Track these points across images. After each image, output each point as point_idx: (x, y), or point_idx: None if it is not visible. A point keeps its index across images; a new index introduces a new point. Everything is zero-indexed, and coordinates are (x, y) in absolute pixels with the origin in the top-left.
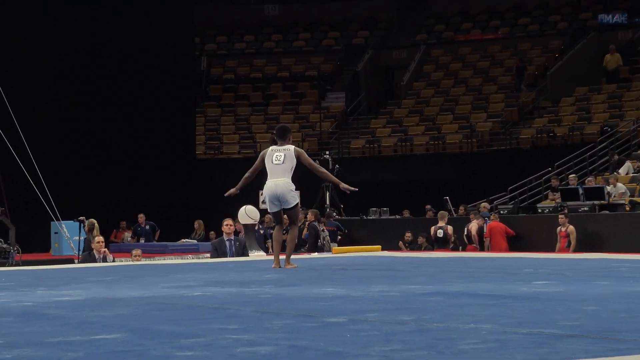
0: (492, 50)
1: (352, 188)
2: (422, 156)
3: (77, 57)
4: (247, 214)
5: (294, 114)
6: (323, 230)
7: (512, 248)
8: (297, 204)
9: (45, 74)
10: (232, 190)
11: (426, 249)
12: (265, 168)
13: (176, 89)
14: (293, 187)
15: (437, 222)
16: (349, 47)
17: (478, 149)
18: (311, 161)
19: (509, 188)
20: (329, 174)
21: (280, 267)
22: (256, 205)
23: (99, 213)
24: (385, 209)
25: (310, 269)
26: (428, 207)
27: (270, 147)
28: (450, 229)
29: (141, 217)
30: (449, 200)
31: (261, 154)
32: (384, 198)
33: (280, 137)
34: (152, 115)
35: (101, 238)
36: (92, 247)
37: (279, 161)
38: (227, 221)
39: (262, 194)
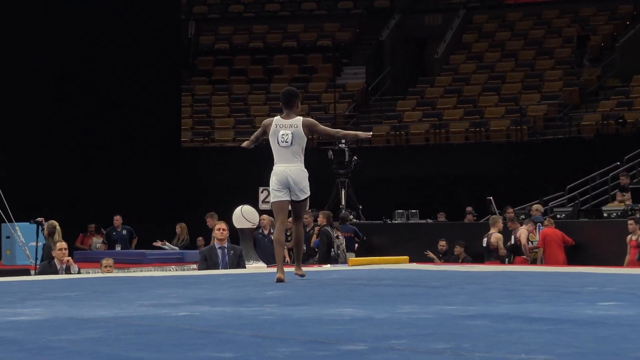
0: (547, 16)
1: (368, 134)
2: (461, 146)
3: (34, 30)
4: (244, 216)
5: (303, 92)
6: (337, 237)
7: (570, 261)
8: (308, 197)
9: None
10: (247, 142)
11: (465, 261)
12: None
13: (157, 62)
14: (307, 174)
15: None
16: (371, 11)
17: (529, 138)
18: (326, 130)
19: (568, 187)
20: (344, 130)
21: (284, 281)
22: (255, 205)
23: (62, 213)
24: (414, 211)
25: (322, 284)
26: (469, 209)
27: (274, 120)
28: (495, 237)
29: (117, 219)
30: (492, 201)
31: (264, 123)
32: (413, 198)
33: (286, 104)
34: (128, 95)
35: (64, 244)
36: (53, 255)
37: (287, 143)
38: (220, 225)
39: (262, 191)
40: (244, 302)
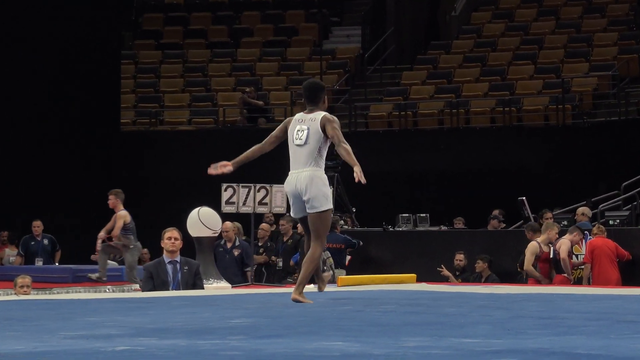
0: None
1: (362, 177)
2: (485, 131)
3: None
4: (203, 221)
5: (279, 61)
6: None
7: (626, 280)
8: (329, 210)
9: None
10: (224, 164)
11: (489, 281)
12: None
13: (89, 20)
14: (324, 180)
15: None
16: None
17: (574, 121)
18: (336, 132)
19: (624, 184)
20: (350, 150)
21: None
22: (217, 207)
23: None
24: (423, 215)
25: (304, 310)
26: (496, 212)
27: (297, 115)
28: (529, 247)
29: (37, 226)
30: (525, 202)
31: (284, 122)
32: (423, 198)
33: (310, 100)
34: (51, 65)
35: None
36: None
37: (301, 140)
38: (171, 232)
39: (225, 189)
40: (201, 333)
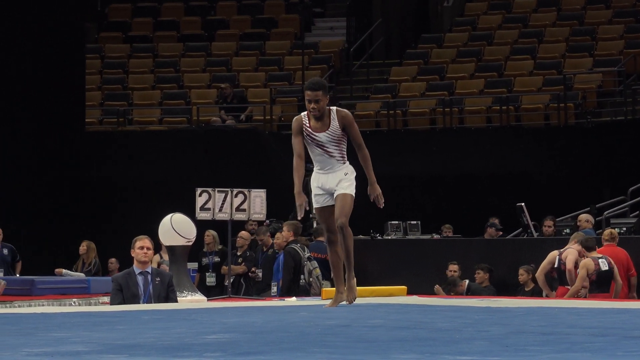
0: None
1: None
2: (480, 132)
3: None
4: (175, 228)
5: (258, 55)
6: (309, 259)
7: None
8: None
9: None
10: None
11: (489, 293)
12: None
13: (50, 11)
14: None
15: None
16: None
17: (577, 121)
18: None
19: (631, 189)
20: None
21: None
22: (190, 213)
23: None
24: (414, 222)
25: (287, 326)
26: (493, 220)
27: None
28: (568, 256)
29: None
30: (524, 208)
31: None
32: (413, 204)
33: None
34: (8, 60)
35: None
36: None
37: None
38: (142, 241)
39: (200, 194)
40: (175, 350)
